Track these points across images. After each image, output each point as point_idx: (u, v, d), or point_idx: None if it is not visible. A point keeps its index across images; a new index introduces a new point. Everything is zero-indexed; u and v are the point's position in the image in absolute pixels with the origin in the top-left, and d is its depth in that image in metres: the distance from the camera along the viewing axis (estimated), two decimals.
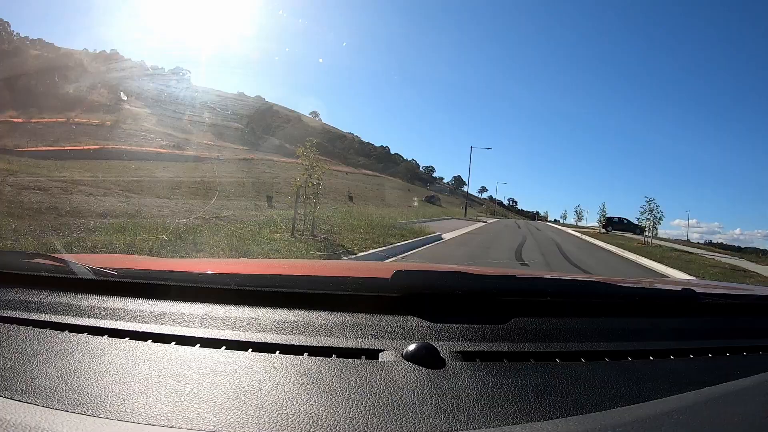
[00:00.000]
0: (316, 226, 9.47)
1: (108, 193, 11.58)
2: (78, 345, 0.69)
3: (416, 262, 6.89)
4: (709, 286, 1.48)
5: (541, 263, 9.81)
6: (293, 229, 8.59)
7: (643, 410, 0.53)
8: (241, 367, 0.62)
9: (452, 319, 0.75)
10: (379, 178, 69.65)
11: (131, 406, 0.53)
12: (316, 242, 8.08)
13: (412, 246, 10.07)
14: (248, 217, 10.42)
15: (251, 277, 0.94)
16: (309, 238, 8.36)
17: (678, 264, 11.50)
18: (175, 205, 11.19)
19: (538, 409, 0.55)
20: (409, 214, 22.69)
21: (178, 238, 6.42)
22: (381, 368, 0.62)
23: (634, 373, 0.67)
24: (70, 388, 0.56)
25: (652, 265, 11.64)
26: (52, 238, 5.47)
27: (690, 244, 29.30)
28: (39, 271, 0.90)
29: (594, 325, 0.82)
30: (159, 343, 0.69)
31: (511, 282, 0.92)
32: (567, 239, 20.53)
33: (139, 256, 3.45)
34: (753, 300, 1.14)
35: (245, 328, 0.73)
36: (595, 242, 19.74)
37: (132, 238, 5.90)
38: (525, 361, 0.67)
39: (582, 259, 11.79)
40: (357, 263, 3.87)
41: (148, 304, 0.81)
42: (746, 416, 0.53)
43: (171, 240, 6.16)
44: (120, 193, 12.15)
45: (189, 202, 12.08)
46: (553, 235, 23.40)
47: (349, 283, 0.87)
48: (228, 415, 0.51)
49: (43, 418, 0.50)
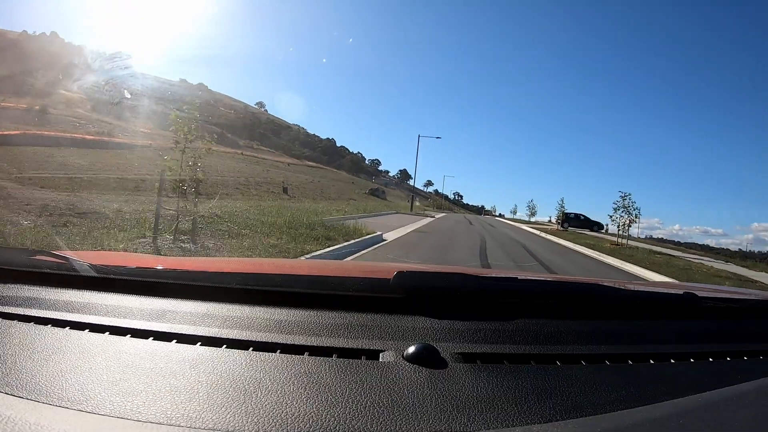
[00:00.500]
0: (208, 226, 7.74)
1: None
2: (79, 342, 0.68)
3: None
4: (710, 289, 1.36)
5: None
6: (155, 229, 6.23)
7: (643, 414, 0.53)
8: (242, 366, 0.61)
9: (453, 321, 0.74)
10: (322, 170, 66.97)
11: (132, 404, 0.52)
12: (183, 250, 5.85)
13: (340, 254, 6.96)
14: (127, 213, 8.34)
15: (253, 277, 0.92)
16: (176, 243, 6.14)
17: (674, 273, 9.38)
18: (49, 197, 9.28)
19: (538, 411, 0.55)
20: (348, 208, 19.61)
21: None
22: (381, 369, 0.61)
23: (634, 377, 0.66)
24: (70, 384, 0.56)
25: (645, 274, 9.34)
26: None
27: (665, 244, 27.01)
28: (41, 268, 0.90)
29: (595, 328, 0.81)
30: (160, 341, 0.68)
31: (512, 284, 0.92)
32: (529, 238, 17.97)
33: (141, 254, 3.70)
34: (754, 304, 1.13)
35: (246, 327, 0.72)
36: (562, 242, 17.21)
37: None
38: (525, 363, 0.67)
39: (561, 266, 9.43)
40: (359, 263, 3.31)
41: (150, 302, 0.80)
42: (747, 421, 0.54)
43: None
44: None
45: (68, 195, 10.26)
46: (511, 232, 21.29)
47: (350, 283, 0.87)
48: (228, 413, 0.51)
49: (43, 415, 0.50)
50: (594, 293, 0.96)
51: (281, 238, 7.43)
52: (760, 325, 0.97)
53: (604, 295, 0.94)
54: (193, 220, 6.68)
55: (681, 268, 10.76)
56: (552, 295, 0.89)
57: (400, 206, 28.39)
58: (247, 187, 23.37)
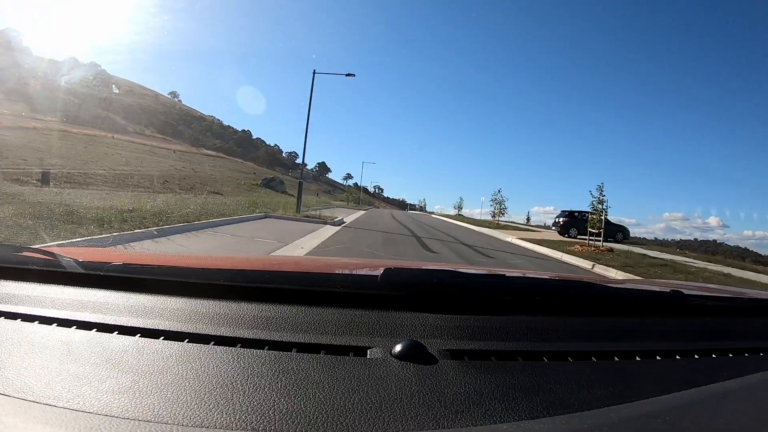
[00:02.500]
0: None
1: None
2: (66, 339, 0.68)
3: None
4: (697, 288, 1.33)
5: None
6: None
7: (630, 410, 0.54)
8: (230, 363, 0.60)
9: (441, 317, 0.75)
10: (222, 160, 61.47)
11: (119, 401, 0.52)
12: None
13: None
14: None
15: (240, 273, 0.92)
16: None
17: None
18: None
19: (526, 407, 0.55)
20: (213, 206, 13.87)
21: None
22: (369, 365, 0.61)
23: (620, 374, 0.67)
24: (57, 382, 0.56)
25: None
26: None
27: (660, 246, 21.92)
28: (27, 264, 0.89)
29: (582, 325, 0.82)
30: (147, 337, 0.67)
31: (500, 281, 0.93)
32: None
33: (128, 250, 3.52)
34: (740, 303, 1.14)
35: (234, 323, 0.71)
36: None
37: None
38: (513, 360, 0.67)
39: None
40: (346, 260, 2.92)
41: (137, 299, 0.79)
42: (732, 417, 0.55)
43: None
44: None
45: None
46: (485, 247, 12.51)
47: (338, 279, 0.88)
48: (216, 410, 0.51)
49: (30, 413, 0.50)
50: (581, 291, 0.99)
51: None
52: (747, 324, 0.98)
53: (591, 292, 0.97)
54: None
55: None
56: (539, 293, 0.90)
57: (289, 203, 18.55)
58: (122, 178, 19.65)
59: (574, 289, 1.00)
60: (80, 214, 7.53)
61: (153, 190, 18.51)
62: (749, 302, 1.13)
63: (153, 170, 25.66)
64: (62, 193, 11.20)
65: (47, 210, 7.32)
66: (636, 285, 1.29)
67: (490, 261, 9.54)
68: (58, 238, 5.09)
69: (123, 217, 7.82)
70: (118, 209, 8.85)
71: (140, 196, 13.78)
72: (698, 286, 1.47)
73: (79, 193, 12.58)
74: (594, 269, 9.60)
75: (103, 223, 6.93)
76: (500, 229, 23.11)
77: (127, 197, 12.85)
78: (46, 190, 12.00)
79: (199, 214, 10.60)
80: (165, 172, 27.14)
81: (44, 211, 7.09)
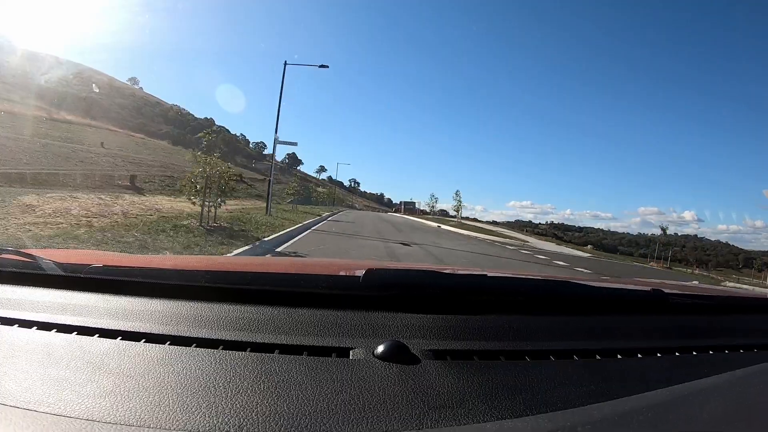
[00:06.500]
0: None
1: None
2: (46, 342, 0.67)
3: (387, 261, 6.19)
4: (677, 287, 1.39)
5: None
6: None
7: (612, 408, 0.54)
8: (212, 365, 0.60)
9: (423, 318, 0.74)
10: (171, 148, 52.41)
11: (101, 405, 0.52)
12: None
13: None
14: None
15: (222, 275, 0.92)
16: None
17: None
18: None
19: (509, 406, 0.55)
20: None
21: None
22: (352, 366, 0.62)
23: (602, 371, 0.68)
24: (38, 386, 0.55)
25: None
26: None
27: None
28: (5, 266, 0.88)
29: (563, 324, 0.82)
30: (129, 340, 0.67)
31: (482, 281, 0.93)
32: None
33: (107, 252, 3.39)
34: (720, 301, 1.14)
35: (216, 325, 0.71)
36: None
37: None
38: (495, 359, 0.67)
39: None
40: (329, 261, 2.97)
41: (118, 301, 0.79)
42: (713, 413, 0.56)
43: None
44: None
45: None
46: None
47: (321, 280, 0.88)
48: (198, 413, 0.51)
49: (9, 418, 0.49)
50: (563, 290, 1.00)
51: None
52: (726, 322, 0.98)
53: (573, 291, 0.98)
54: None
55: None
56: (521, 292, 0.90)
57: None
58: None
59: (556, 289, 1.02)
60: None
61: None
62: (729, 300, 1.15)
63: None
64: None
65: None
66: (618, 284, 1.28)
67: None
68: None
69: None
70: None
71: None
72: (679, 285, 1.56)
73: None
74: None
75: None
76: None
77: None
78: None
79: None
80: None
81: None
